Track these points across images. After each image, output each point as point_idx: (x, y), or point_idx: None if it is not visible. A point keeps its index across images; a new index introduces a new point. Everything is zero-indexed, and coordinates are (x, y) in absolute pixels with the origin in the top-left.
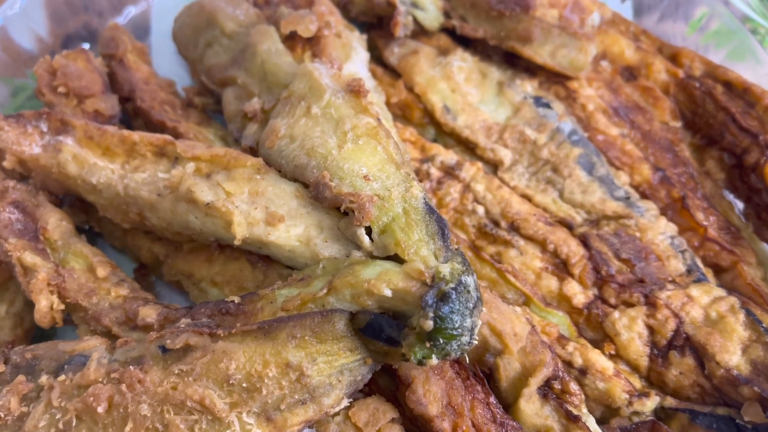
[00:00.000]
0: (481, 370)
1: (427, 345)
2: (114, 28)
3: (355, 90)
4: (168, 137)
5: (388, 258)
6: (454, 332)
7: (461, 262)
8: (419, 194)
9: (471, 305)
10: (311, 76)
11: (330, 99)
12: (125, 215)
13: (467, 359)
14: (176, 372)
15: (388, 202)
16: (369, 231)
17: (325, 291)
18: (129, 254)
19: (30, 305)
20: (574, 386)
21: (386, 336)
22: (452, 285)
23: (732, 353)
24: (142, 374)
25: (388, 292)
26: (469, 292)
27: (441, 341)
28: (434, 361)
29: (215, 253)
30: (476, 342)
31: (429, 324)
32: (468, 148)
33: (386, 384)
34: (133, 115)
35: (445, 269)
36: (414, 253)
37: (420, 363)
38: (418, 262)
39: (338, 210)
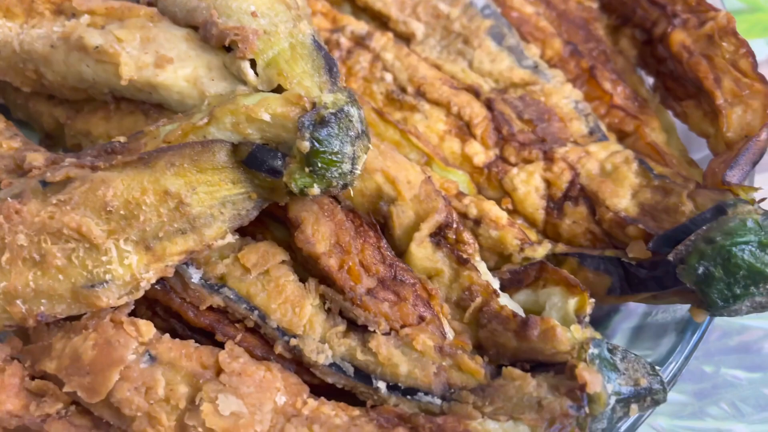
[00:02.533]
0: (375, 219)
1: (307, 171)
2: None
3: None
4: None
5: (273, 91)
6: (333, 158)
7: (347, 95)
8: (307, 30)
9: (353, 134)
10: None
11: None
12: (23, 75)
13: (351, 193)
14: (54, 202)
15: (274, 36)
16: (255, 66)
17: (205, 120)
18: (34, 124)
19: None
20: (467, 236)
21: (268, 167)
22: (332, 111)
23: (622, 197)
24: (19, 205)
25: (266, 117)
26: (351, 121)
27: (320, 166)
28: (316, 189)
29: (111, 108)
30: (358, 172)
31: (305, 145)
32: (382, 23)
33: (281, 235)
34: None
35: (328, 98)
36: (297, 83)
37: (302, 192)
38: (299, 89)
39: (227, 50)
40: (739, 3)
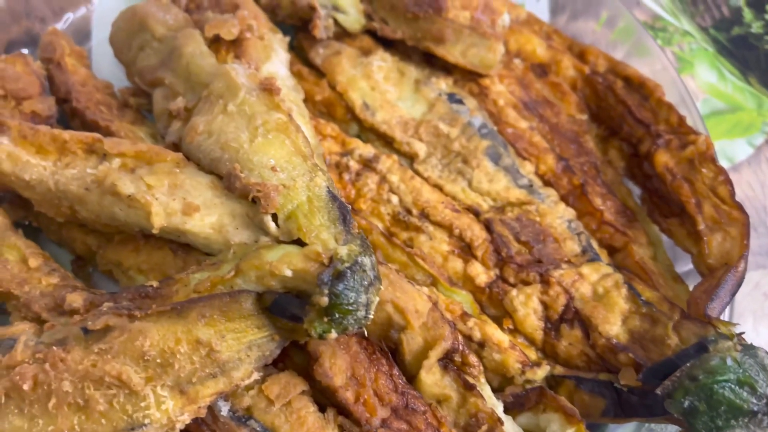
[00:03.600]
0: (386, 345)
1: (326, 320)
2: (53, 33)
3: (267, 88)
4: (97, 135)
5: (293, 242)
6: (350, 308)
7: (360, 244)
8: (322, 183)
9: (366, 283)
10: (228, 75)
11: (244, 97)
12: (58, 209)
13: (365, 332)
14: (96, 350)
15: (293, 191)
16: (276, 218)
17: (232, 273)
18: (66, 247)
19: None
20: (473, 358)
21: (290, 313)
22: (348, 264)
23: (613, 324)
24: (64, 354)
25: (288, 273)
26: (365, 271)
27: (337, 316)
28: (333, 335)
29: (141, 243)
30: (372, 317)
31: (324, 300)
32: (387, 142)
33: (301, 361)
34: (70, 116)
35: (343, 251)
36: (315, 236)
37: (320, 337)
38: (317, 244)
39: (249, 199)
40: (720, 103)
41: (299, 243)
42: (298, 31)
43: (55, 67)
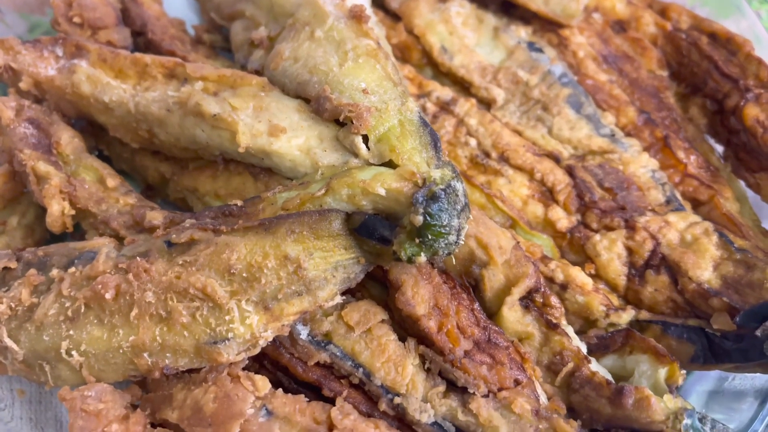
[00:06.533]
0: (467, 281)
1: (417, 242)
2: None
3: (356, 16)
4: (178, 60)
5: (384, 165)
6: (442, 230)
7: (452, 170)
8: (414, 108)
9: (459, 207)
10: (315, 3)
11: (333, 23)
12: (135, 133)
13: (454, 261)
14: (180, 263)
15: (385, 114)
16: (366, 140)
17: (323, 191)
18: (136, 176)
19: (40, 217)
20: (554, 300)
21: (379, 235)
22: (442, 187)
23: (704, 269)
24: (148, 264)
25: (381, 191)
26: (457, 195)
27: (429, 237)
28: (423, 258)
29: (220, 168)
30: (462, 243)
31: (419, 219)
32: (463, 87)
33: (378, 293)
34: (144, 49)
35: (436, 174)
36: (407, 159)
37: (409, 260)
38: (410, 166)
39: (337, 123)
40: None
41: (389, 166)
42: None
43: (131, 0)
